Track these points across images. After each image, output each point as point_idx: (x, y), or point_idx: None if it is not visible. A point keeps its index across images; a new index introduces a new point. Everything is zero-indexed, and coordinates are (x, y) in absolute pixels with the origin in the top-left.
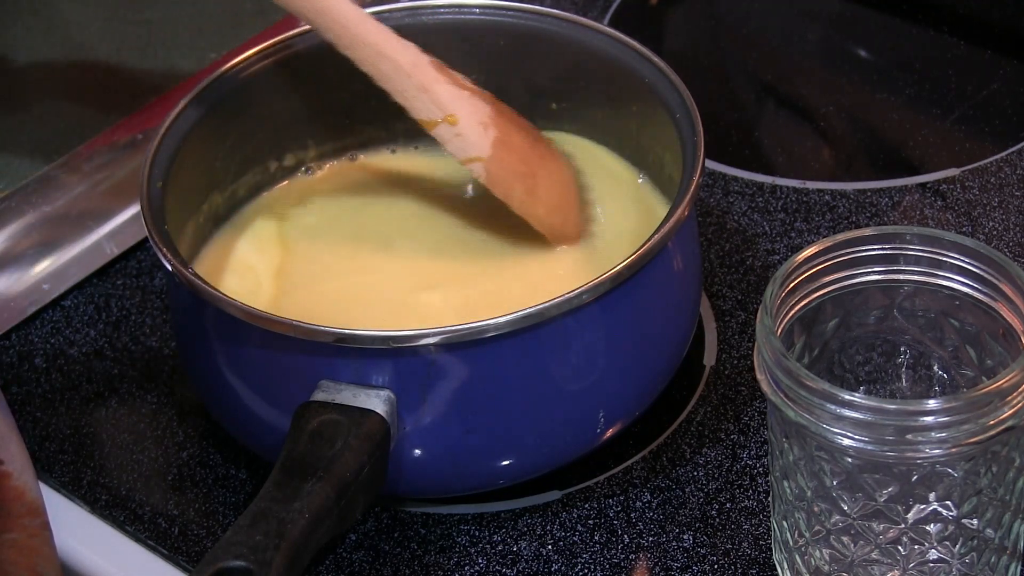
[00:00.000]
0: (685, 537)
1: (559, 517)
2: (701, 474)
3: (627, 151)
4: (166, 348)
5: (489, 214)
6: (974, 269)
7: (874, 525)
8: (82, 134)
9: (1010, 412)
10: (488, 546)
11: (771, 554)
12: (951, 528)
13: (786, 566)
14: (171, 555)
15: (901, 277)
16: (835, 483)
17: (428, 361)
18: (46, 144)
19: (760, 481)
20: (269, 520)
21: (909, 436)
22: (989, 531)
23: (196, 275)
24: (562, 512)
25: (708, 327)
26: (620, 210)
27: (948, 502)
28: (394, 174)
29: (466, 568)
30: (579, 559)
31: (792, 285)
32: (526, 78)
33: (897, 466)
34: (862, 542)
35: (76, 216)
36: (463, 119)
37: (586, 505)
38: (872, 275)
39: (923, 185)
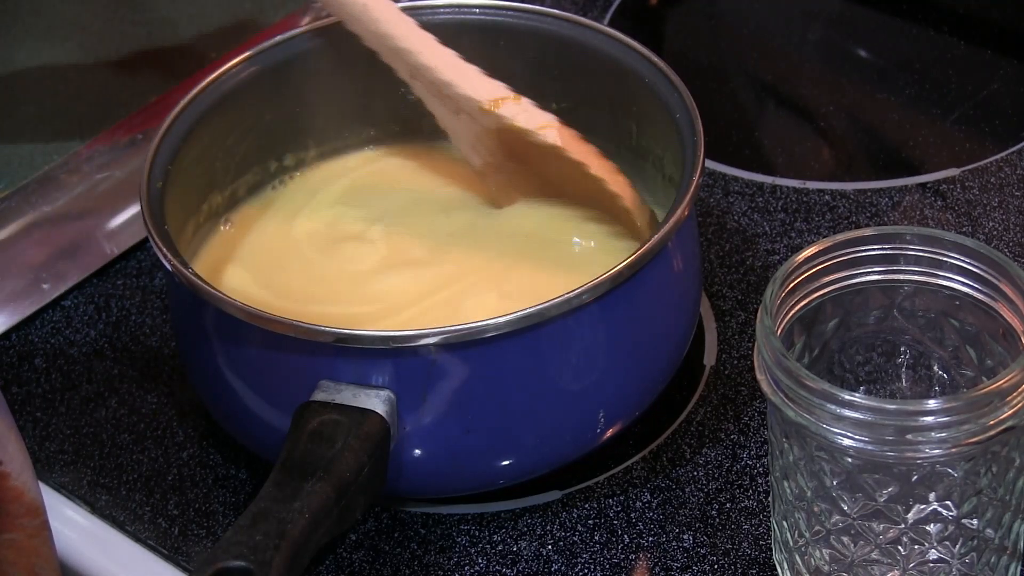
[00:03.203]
0: (685, 537)
1: (559, 517)
2: (701, 474)
3: (626, 151)
4: (166, 348)
5: (486, 213)
6: (974, 269)
7: (874, 525)
8: (82, 134)
9: (1010, 412)
10: (488, 546)
11: (771, 554)
12: (951, 528)
13: (786, 566)
14: (171, 555)
15: (901, 277)
16: (835, 483)
17: (428, 361)
18: (46, 144)
19: (760, 481)
20: (269, 520)
21: (909, 436)
22: (989, 531)
23: (196, 275)
24: (562, 512)
25: (708, 327)
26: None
27: (948, 502)
28: (393, 173)
29: (466, 568)
30: (579, 559)
31: (792, 285)
32: (526, 78)
33: (897, 466)
34: (862, 542)
35: (76, 216)
36: (522, 97)
37: (586, 505)
38: (872, 275)
39: (923, 185)
